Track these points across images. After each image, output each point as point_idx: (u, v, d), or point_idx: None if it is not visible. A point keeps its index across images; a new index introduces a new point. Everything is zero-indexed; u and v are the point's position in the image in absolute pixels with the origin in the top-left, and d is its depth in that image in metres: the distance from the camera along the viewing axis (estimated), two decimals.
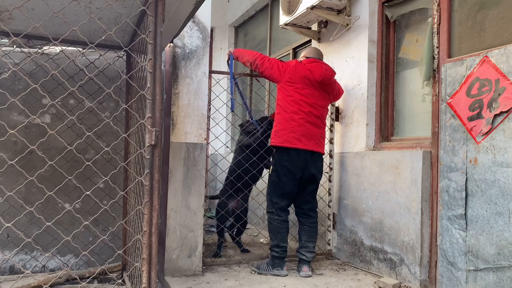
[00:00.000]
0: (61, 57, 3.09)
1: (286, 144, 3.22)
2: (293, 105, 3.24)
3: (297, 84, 3.26)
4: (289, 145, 3.22)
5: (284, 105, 3.27)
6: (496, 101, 2.48)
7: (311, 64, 3.34)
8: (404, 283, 3.04)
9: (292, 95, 3.25)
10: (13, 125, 3.13)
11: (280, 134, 3.25)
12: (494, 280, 2.44)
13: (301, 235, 3.39)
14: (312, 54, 3.49)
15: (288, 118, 3.24)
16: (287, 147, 3.22)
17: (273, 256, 3.22)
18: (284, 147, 3.24)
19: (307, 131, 3.26)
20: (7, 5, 2.30)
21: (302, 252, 3.31)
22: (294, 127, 3.23)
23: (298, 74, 3.27)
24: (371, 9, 3.67)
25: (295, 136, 3.22)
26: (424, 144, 3.11)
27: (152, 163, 1.89)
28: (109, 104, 3.41)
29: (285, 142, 3.22)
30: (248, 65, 3.43)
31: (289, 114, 3.24)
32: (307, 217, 3.40)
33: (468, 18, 2.88)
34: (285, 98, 3.27)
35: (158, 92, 1.91)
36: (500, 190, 2.44)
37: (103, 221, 3.27)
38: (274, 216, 3.27)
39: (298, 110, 3.24)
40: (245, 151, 3.63)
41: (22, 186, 2.69)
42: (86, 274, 2.99)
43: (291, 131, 3.23)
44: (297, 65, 3.32)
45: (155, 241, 1.90)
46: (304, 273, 3.22)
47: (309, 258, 3.30)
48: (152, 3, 1.91)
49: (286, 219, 3.29)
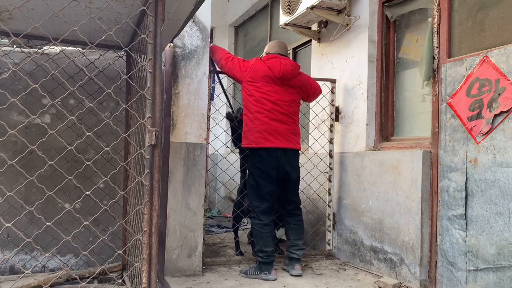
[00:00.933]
0: (61, 57, 3.09)
1: (254, 144, 3.19)
2: (255, 104, 3.21)
3: (257, 83, 3.23)
4: (256, 145, 3.18)
5: (247, 105, 3.25)
6: (496, 101, 2.48)
7: (270, 60, 3.28)
8: (404, 283, 3.04)
9: (254, 94, 3.22)
10: (13, 125, 3.13)
11: (247, 135, 3.24)
12: (494, 280, 2.44)
13: (289, 234, 3.39)
14: (273, 49, 3.43)
15: (253, 118, 3.21)
16: (256, 148, 3.20)
17: (259, 261, 3.18)
18: (253, 148, 3.21)
19: (272, 128, 3.19)
20: (7, 5, 2.29)
21: (292, 251, 3.31)
22: (258, 126, 3.19)
23: (257, 73, 3.24)
24: (371, 9, 3.67)
25: (261, 136, 3.18)
26: (424, 144, 3.11)
27: (152, 163, 1.89)
28: (109, 104, 3.41)
29: (252, 143, 3.20)
30: (217, 64, 3.40)
31: (253, 114, 3.21)
32: (293, 216, 3.40)
33: (468, 18, 2.88)
34: (248, 98, 3.25)
35: (158, 92, 1.91)
36: (500, 190, 2.44)
37: (103, 221, 3.27)
38: (255, 220, 3.23)
39: (261, 109, 3.20)
40: None
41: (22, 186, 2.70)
42: (86, 274, 2.99)
43: (257, 130, 3.19)
44: (256, 63, 3.28)
45: (155, 241, 1.90)
46: (296, 271, 3.23)
47: (300, 255, 3.31)
48: (152, 3, 1.91)
49: (268, 223, 3.22)
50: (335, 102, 3.94)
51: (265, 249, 3.17)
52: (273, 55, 3.33)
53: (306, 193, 4.08)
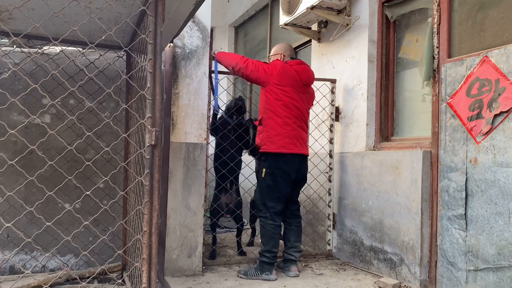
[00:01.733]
0: (61, 57, 3.09)
1: (283, 150, 3.16)
2: (285, 109, 3.18)
3: (285, 87, 3.18)
4: (285, 150, 3.16)
5: (275, 110, 3.18)
6: (496, 101, 2.48)
7: (298, 66, 3.28)
8: (404, 283, 3.04)
9: (282, 98, 3.17)
10: (13, 125, 3.13)
11: (274, 140, 3.17)
12: (494, 280, 2.44)
13: (289, 235, 3.37)
14: (288, 51, 3.44)
15: (282, 123, 3.17)
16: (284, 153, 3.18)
17: (263, 262, 3.16)
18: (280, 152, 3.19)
19: (299, 135, 3.24)
20: (7, 5, 2.29)
21: (291, 253, 3.31)
22: (288, 131, 3.18)
23: (285, 77, 3.19)
24: (371, 9, 3.67)
25: (291, 142, 3.18)
26: (424, 144, 3.11)
27: (152, 163, 1.89)
28: (109, 104, 3.41)
29: (281, 148, 3.16)
30: (231, 69, 3.30)
31: (282, 119, 3.17)
32: (295, 218, 3.42)
33: (468, 18, 2.88)
34: (276, 102, 3.18)
35: (158, 92, 1.91)
36: (500, 190, 2.44)
37: (103, 221, 3.27)
38: (268, 221, 3.19)
39: (289, 114, 3.19)
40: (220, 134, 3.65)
41: (22, 186, 2.70)
42: (86, 274, 2.99)
43: (286, 136, 3.17)
44: (284, 66, 3.22)
45: (155, 241, 1.90)
46: (293, 272, 3.24)
47: (298, 257, 3.34)
48: (152, 3, 1.91)
49: (280, 224, 3.25)
50: (335, 102, 3.94)
51: (274, 250, 3.17)
52: (299, 61, 3.36)
53: (306, 193, 4.08)
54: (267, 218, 3.21)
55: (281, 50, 3.45)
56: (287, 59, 3.39)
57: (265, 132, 3.22)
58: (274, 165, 3.19)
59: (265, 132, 3.22)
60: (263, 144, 3.23)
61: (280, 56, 3.41)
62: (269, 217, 3.20)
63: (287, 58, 3.41)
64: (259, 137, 3.30)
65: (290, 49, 3.49)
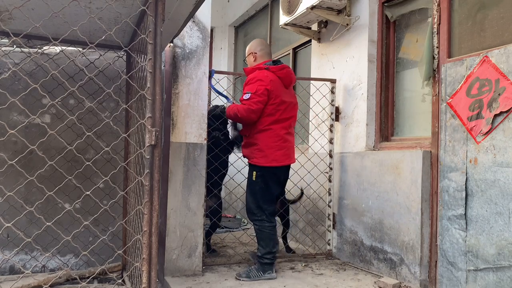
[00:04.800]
0: (61, 57, 3.09)
1: (275, 163, 3.16)
2: (275, 124, 3.15)
3: (276, 99, 3.13)
4: (277, 164, 3.17)
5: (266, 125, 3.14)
6: (496, 101, 2.48)
7: (282, 71, 3.21)
8: (404, 283, 3.04)
9: (273, 113, 3.14)
10: (13, 125, 3.13)
11: (267, 153, 3.14)
12: (494, 280, 2.44)
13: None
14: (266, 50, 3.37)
15: (273, 136, 3.14)
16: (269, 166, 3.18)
17: (265, 263, 3.15)
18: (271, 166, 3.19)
19: (289, 145, 3.26)
20: (7, 5, 2.30)
21: None
22: (280, 144, 3.16)
23: (274, 87, 3.12)
24: (371, 9, 3.67)
25: (282, 154, 3.18)
26: (424, 144, 3.11)
27: (152, 163, 1.89)
28: (109, 104, 3.41)
29: (273, 162, 3.15)
30: (239, 121, 3.26)
31: (274, 131, 3.14)
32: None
33: (468, 18, 2.88)
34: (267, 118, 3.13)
35: (158, 92, 1.91)
36: (500, 190, 2.44)
37: (103, 221, 3.27)
38: (265, 223, 3.18)
39: (280, 127, 3.17)
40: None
41: (22, 186, 2.70)
42: (86, 274, 2.99)
43: (277, 149, 3.16)
44: (270, 77, 3.12)
45: (155, 241, 1.90)
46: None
47: None
48: (152, 3, 1.91)
49: (276, 224, 3.26)
50: (335, 102, 3.94)
51: (274, 250, 3.18)
52: (282, 65, 3.26)
53: (306, 193, 4.08)
54: (264, 220, 3.18)
55: (252, 49, 3.38)
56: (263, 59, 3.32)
57: (255, 146, 3.18)
58: (266, 168, 3.18)
59: (256, 145, 3.18)
60: (254, 157, 3.19)
61: (253, 56, 3.36)
62: (266, 218, 3.19)
63: (262, 55, 3.34)
64: (248, 149, 3.24)
65: (262, 44, 3.40)
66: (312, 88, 4.19)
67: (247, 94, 3.12)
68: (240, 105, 3.17)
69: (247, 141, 3.27)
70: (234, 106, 3.20)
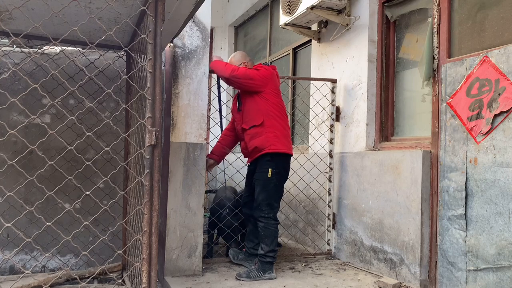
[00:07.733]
0: (61, 57, 3.09)
1: (289, 151, 3.29)
2: (282, 112, 3.33)
3: (279, 91, 3.36)
4: (290, 151, 3.30)
5: (277, 112, 3.27)
6: (496, 101, 2.48)
7: (275, 71, 3.42)
8: (404, 283, 3.04)
9: (280, 102, 3.33)
10: (13, 125, 3.13)
11: (282, 140, 3.24)
12: (494, 280, 2.44)
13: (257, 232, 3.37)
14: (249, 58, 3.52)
15: (284, 124, 3.31)
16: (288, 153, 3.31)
17: (266, 262, 3.16)
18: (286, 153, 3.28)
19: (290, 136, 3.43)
20: (7, 5, 2.30)
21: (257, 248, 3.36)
22: (288, 132, 3.35)
23: (276, 81, 3.36)
24: (371, 9, 3.67)
25: (290, 143, 3.35)
26: (424, 144, 3.11)
27: (152, 163, 1.89)
28: (109, 104, 3.41)
29: (287, 149, 3.27)
30: (224, 79, 3.28)
31: (283, 120, 3.31)
32: None
33: (468, 18, 2.88)
34: (276, 106, 3.29)
35: (158, 92, 1.91)
36: (500, 190, 2.44)
37: (103, 221, 3.27)
38: (271, 221, 3.20)
39: (285, 116, 3.36)
40: None
41: (22, 186, 2.70)
42: (86, 274, 2.99)
43: (287, 136, 3.32)
44: (274, 72, 3.36)
45: (155, 241, 1.90)
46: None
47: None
48: (152, 3, 1.91)
49: (279, 222, 3.32)
50: (335, 102, 3.94)
51: (276, 249, 3.24)
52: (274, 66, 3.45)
53: (306, 193, 4.08)
54: (270, 218, 3.20)
55: (243, 58, 3.45)
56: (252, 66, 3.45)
57: (271, 133, 3.21)
58: (280, 165, 3.25)
59: (270, 132, 3.21)
60: (271, 145, 3.19)
61: (245, 64, 3.41)
62: (272, 217, 3.22)
63: (252, 64, 3.47)
64: (259, 139, 3.21)
65: (246, 55, 3.54)
66: (312, 88, 4.19)
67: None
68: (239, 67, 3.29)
69: (257, 130, 3.22)
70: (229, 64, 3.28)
